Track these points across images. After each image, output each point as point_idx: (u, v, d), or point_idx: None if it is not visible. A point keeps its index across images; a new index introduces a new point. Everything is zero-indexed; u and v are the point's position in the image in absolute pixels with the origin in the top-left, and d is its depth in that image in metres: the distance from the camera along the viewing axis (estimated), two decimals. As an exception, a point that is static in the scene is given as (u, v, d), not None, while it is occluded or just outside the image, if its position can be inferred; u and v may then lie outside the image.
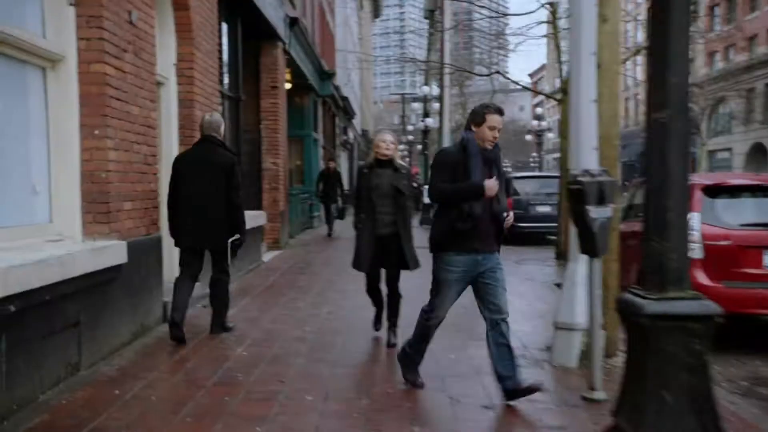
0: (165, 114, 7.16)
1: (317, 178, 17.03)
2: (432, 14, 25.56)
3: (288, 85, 14.90)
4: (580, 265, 5.09)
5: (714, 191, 6.50)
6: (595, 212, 4.24)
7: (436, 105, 23.07)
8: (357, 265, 5.73)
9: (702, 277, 6.26)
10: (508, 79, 15.40)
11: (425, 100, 25.02)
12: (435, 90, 22.64)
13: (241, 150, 10.78)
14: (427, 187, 23.72)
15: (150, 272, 5.94)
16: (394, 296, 5.77)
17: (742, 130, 36.70)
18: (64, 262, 4.26)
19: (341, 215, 16.39)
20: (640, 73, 51.45)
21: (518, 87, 18.77)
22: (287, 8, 13.86)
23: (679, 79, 2.89)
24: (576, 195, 4.31)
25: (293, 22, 14.04)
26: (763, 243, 6.14)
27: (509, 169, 47.09)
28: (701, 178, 6.96)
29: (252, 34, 11.93)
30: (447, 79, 17.50)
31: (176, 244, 5.93)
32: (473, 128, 4.22)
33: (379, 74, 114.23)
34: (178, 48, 7.45)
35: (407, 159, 50.12)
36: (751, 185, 6.62)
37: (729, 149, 38.97)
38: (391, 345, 5.61)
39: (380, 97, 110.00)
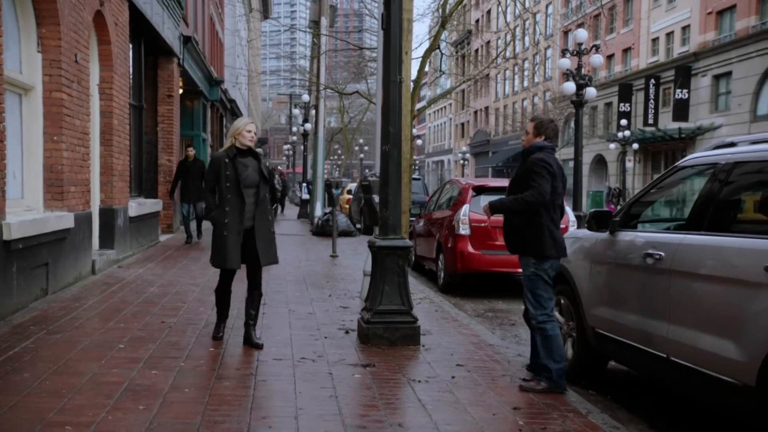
0: (91, 123, 9.51)
1: (175, 171, 14.03)
2: (316, 25, 28.29)
3: (180, 91, 17.18)
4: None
5: (479, 190, 9.74)
6: (377, 198, 7.17)
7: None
8: (222, 261, 5.37)
9: (469, 247, 9.46)
10: (364, 96, 18.46)
11: (306, 106, 27.78)
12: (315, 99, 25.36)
13: (143, 149, 13.12)
14: (305, 185, 26.05)
15: (85, 237, 8.38)
16: (258, 291, 5.62)
17: (586, 143, 41.90)
18: (43, 221, 6.74)
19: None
20: (509, 87, 56.62)
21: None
22: (182, 28, 16.21)
23: (395, 130, 5.84)
24: (366, 188, 7.24)
25: (187, 40, 16.41)
26: (506, 225, 9.37)
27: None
28: (472, 181, 10.19)
29: (151, 51, 14.25)
30: (323, 93, 20.29)
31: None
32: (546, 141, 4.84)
33: (269, 73, 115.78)
34: (101, 72, 9.82)
35: (291, 159, 52.47)
36: (503, 186, 9.85)
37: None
38: (260, 346, 5.42)
39: (269, 95, 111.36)
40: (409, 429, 3.80)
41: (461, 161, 59.83)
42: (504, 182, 10.32)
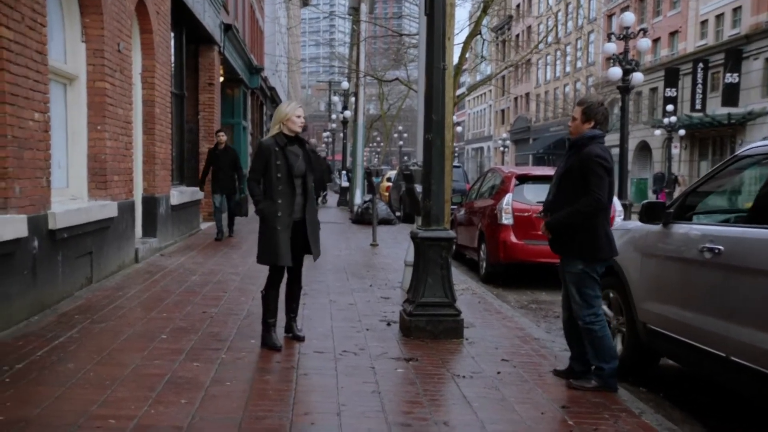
0: (133, 111, 9.56)
1: (206, 160, 12.24)
2: (356, 11, 28.13)
3: (221, 79, 17.25)
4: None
5: (522, 178, 9.53)
6: (419, 188, 7.04)
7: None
8: (275, 257, 5.01)
9: (512, 237, 9.27)
10: (404, 83, 18.26)
11: (345, 94, 27.70)
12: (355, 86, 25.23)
13: (184, 138, 13.20)
14: (345, 172, 26.01)
15: (128, 226, 8.44)
16: (299, 285, 5.43)
17: (630, 129, 40.94)
18: (87, 210, 6.79)
19: (242, 209, 11.29)
20: (550, 72, 55.68)
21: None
22: (223, 15, 16.24)
23: (438, 117, 5.69)
24: (408, 177, 7.12)
25: (227, 28, 16.43)
26: (550, 214, 9.16)
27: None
28: (514, 169, 9.98)
29: (192, 39, 14.31)
30: (362, 80, 20.19)
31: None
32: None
33: (308, 60, 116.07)
34: (143, 61, 9.86)
35: (331, 146, 52.61)
36: (546, 175, 9.63)
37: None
38: (302, 338, 5.34)
39: (308, 82, 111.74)
40: (455, 428, 3.69)
41: (501, 148, 59.17)
42: (547, 171, 10.11)
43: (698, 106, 33.04)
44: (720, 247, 4.02)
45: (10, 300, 5.30)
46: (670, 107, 32.92)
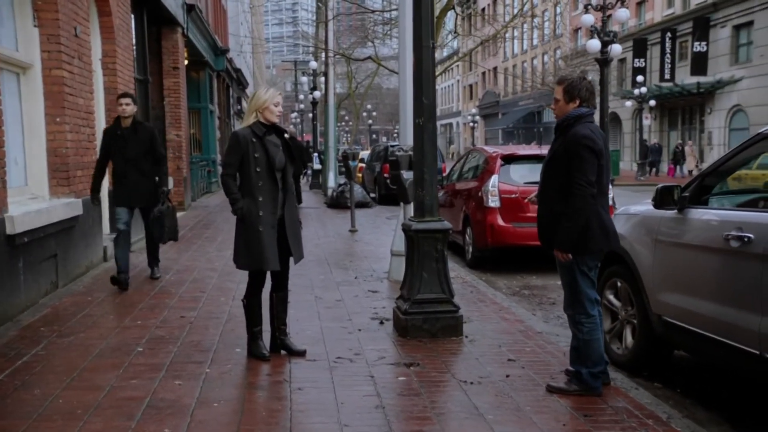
0: (95, 101, 8.96)
1: (100, 148, 6.99)
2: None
3: (185, 62, 16.56)
4: (408, 210, 7.48)
5: (509, 159, 9.17)
6: (406, 174, 6.64)
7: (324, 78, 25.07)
8: (259, 261, 4.53)
9: (499, 220, 8.93)
10: (376, 62, 17.76)
11: (314, 74, 27.04)
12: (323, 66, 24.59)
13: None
14: (316, 155, 25.41)
15: (95, 223, 7.91)
16: (285, 292, 4.93)
17: (599, 101, 40.92)
18: (49, 211, 6.26)
19: (171, 231, 7.21)
20: (518, 46, 55.39)
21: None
22: (185, -5, 15.53)
23: (428, 101, 5.28)
24: (394, 163, 6.71)
25: (190, 8, 15.74)
26: (538, 195, 8.84)
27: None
28: (499, 149, 9.63)
29: (154, 21, 13.62)
30: (332, 59, 19.63)
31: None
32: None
33: (272, 39, 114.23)
34: (103, 46, 9.24)
35: (299, 127, 51.83)
36: (533, 155, 9.31)
37: (591, 118, 43.29)
38: (303, 353, 4.77)
39: (273, 62, 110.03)
40: (473, 449, 3.34)
41: (471, 124, 58.92)
42: (534, 150, 9.78)
43: (667, 76, 33.02)
44: (750, 234, 3.70)
45: (-34, 316, 4.80)
46: (639, 78, 32.84)
